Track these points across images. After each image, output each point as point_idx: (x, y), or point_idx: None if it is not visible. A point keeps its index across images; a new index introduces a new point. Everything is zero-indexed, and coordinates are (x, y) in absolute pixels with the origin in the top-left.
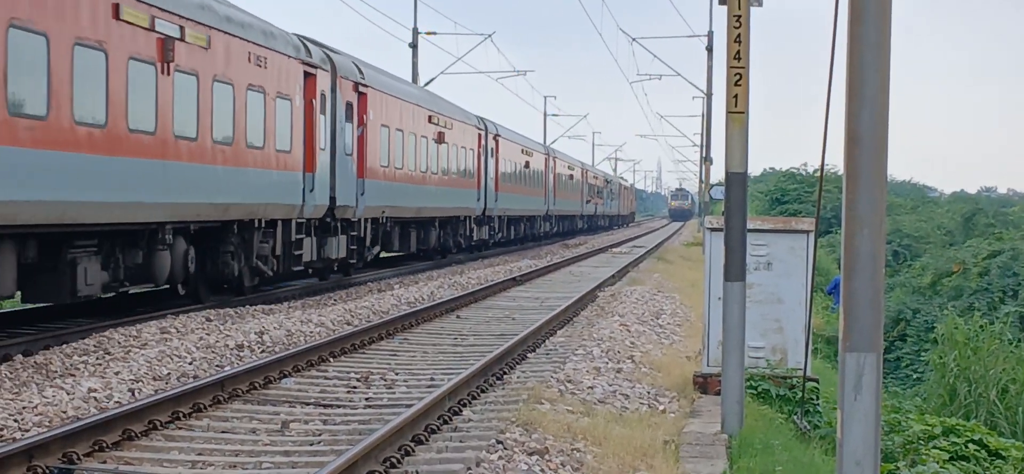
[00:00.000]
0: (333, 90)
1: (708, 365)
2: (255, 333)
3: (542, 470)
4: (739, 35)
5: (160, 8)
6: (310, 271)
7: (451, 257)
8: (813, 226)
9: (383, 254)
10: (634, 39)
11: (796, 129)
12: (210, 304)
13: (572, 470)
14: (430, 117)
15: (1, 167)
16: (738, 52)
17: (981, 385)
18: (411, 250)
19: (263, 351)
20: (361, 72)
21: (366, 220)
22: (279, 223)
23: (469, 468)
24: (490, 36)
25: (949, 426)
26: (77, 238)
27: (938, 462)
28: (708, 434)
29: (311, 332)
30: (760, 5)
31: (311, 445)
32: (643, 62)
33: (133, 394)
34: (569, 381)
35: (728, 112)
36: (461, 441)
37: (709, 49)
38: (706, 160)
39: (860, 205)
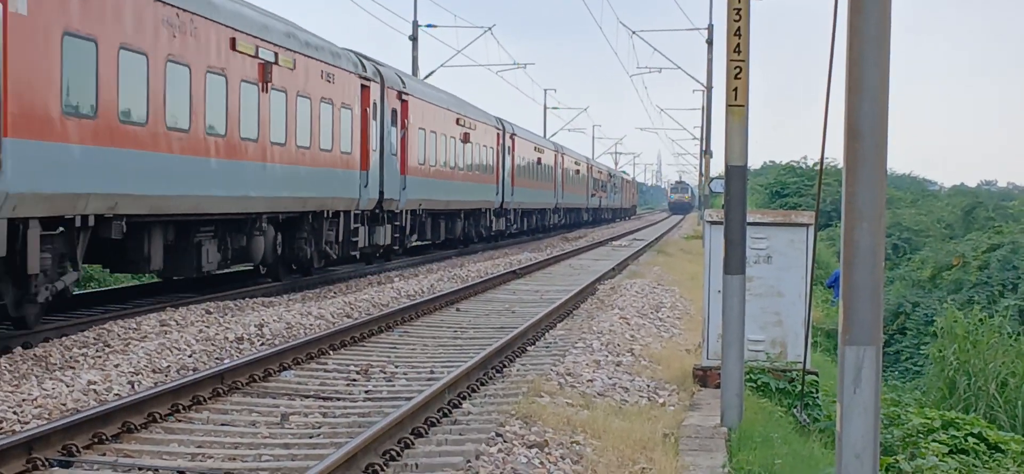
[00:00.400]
0: (382, 99)
1: (708, 358)
2: (255, 326)
3: (542, 463)
4: (739, 28)
5: (261, 39)
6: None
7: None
8: (813, 219)
9: (416, 242)
10: (634, 32)
11: (797, 123)
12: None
13: (572, 463)
14: (458, 119)
15: (161, 170)
16: (738, 45)
17: (980, 378)
18: (441, 239)
19: (263, 344)
20: (403, 82)
21: (407, 212)
22: (341, 214)
23: (469, 461)
24: (490, 29)
25: (948, 419)
26: (202, 225)
27: (937, 455)
28: (707, 427)
29: (311, 325)
30: None
31: (310, 438)
32: (643, 55)
33: (133, 387)
34: (569, 374)
35: (728, 105)
36: (461, 434)
37: (709, 42)
38: (706, 153)
39: (860, 198)
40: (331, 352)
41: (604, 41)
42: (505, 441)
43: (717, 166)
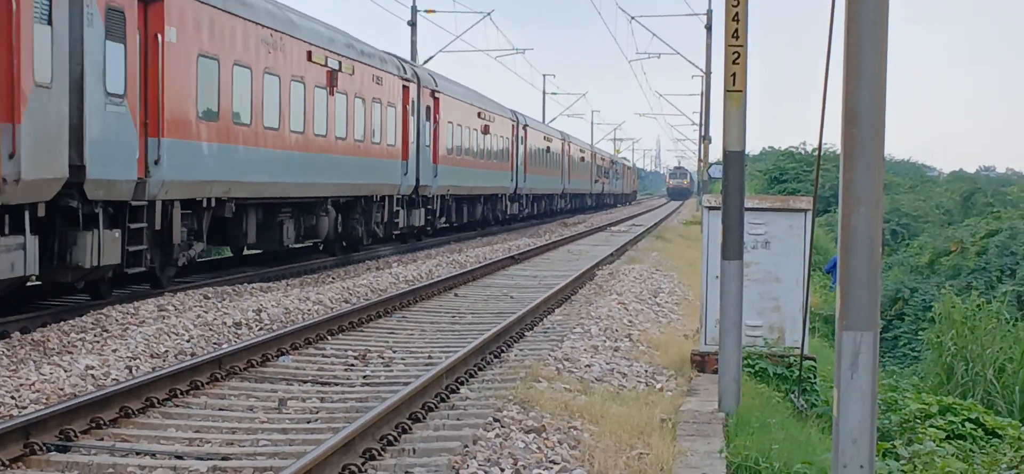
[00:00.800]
0: (418, 97)
1: (705, 344)
2: (253, 311)
3: (539, 448)
4: (737, 13)
5: (330, 50)
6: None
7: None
8: (811, 205)
9: (443, 224)
10: (633, 17)
11: (796, 109)
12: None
13: (569, 448)
14: (479, 113)
15: (260, 162)
16: (736, 31)
17: (978, 364)
18: (464, 221)
19: (261, 329)
20: (435, 82)
21: (437, 196)
22: (386, 199)
23: (466, 446)
24: (489, 14)
25: (946, 405)
26: (283, 207)
27: (935, 441)
28: (705, 412)
29: (309, 310)
30: None
31: (308, 422)
32: (642, 40)
33: (131, 371)
34: (567, 359)
35: (726, 90)
36: (458, 419)
37: (708, 28)
38: (705, 139)
39: (857, 184)
40: (329, 337)
41: (603, 26)
42: (503, 426)
43: (716, 152)
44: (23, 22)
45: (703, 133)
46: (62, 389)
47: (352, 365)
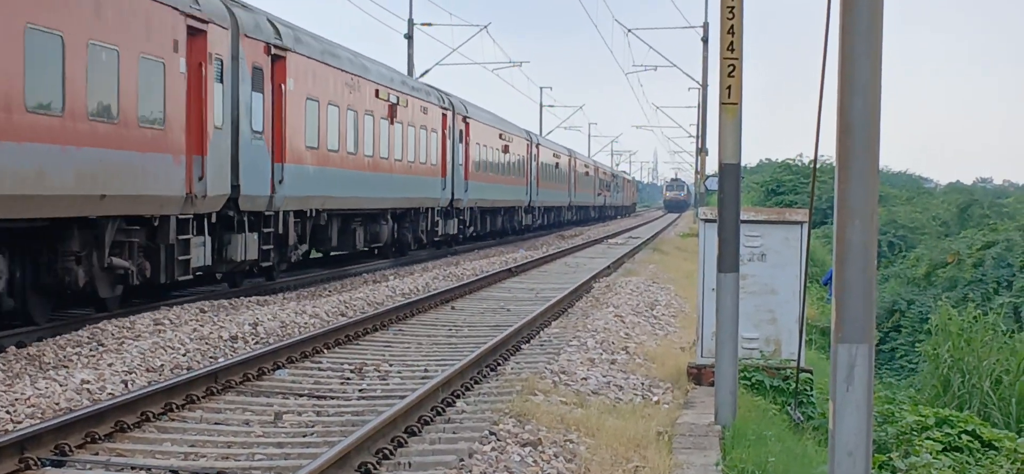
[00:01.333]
0: (453, 123)
1: (702, 356)
2: (249, 324)
3: (535, 461)
4: (732, 26)
5: (391, 88)
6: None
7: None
8: (807, 217)
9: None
10: (629, 30)
11: (794, 120)
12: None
13: (565, 462)
14: (500, 134)
15: (344, 181)
16: (731, 43)
17: (974, 376)
18: (487, 231)
19: (257, 342)
20: (466, 109)
21: (468, 209)
22: (429, 210)
23: (462, 459)
24: (485, 27)
25: (942, 417)
26: (355, 217)
27: (931, 453)
28: (702, 425)
29: (305, 323)
30: None
31: (304, 436)
32: (639, 53)
33: (126, 385)
34: (563, 372)
35: (721, 103)
36: (454, 432)
37: (704, 40)
38: (702, 151)
39: (852, 196)
40: (325, 351)
41: (599, 39)
42: (499, 440)
43: (713, 164)
44: (208, 82)
45: (700, 145)
46: (58, 404)
47: (348, 379)
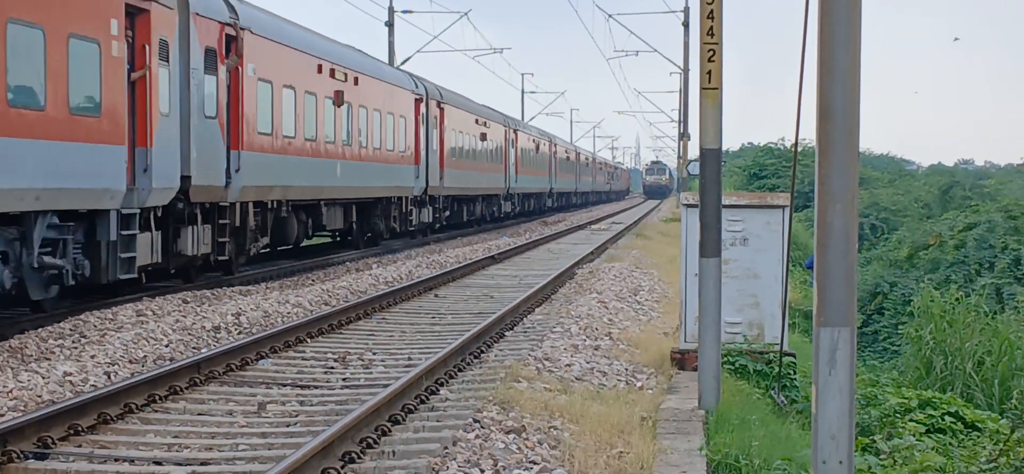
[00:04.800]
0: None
1: (685, 341)
2: (232, 315)
3: (519, 448)
4: (712, 11)
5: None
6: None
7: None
8: (788, 201)
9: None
10: (610, 15)
11: (776, 104)
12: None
13: (549, 448)
14: (477, 120)
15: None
16: (711, 28)
17: (957, 357)
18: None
19: (240, 332)
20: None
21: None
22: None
23: (446, 447)
24: (466, 14)
25: (925, 399)
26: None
27: (914, 435)
28: (685, 410)
29: (288, 313)
30: None
31: (288, 426)
32: (620, 38)
33: (109, 377)
34: (547, 359)
35: (702, 88)
36: (438, 421)
37: (685, 25)
38: (684, 136)
39: (833, 180)
40: (309, 340)
41: (581, 25)
42: (483, 427)
43: (695, 149)
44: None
45: (682, 130)
46: (40, 396)
47: (332, 368)
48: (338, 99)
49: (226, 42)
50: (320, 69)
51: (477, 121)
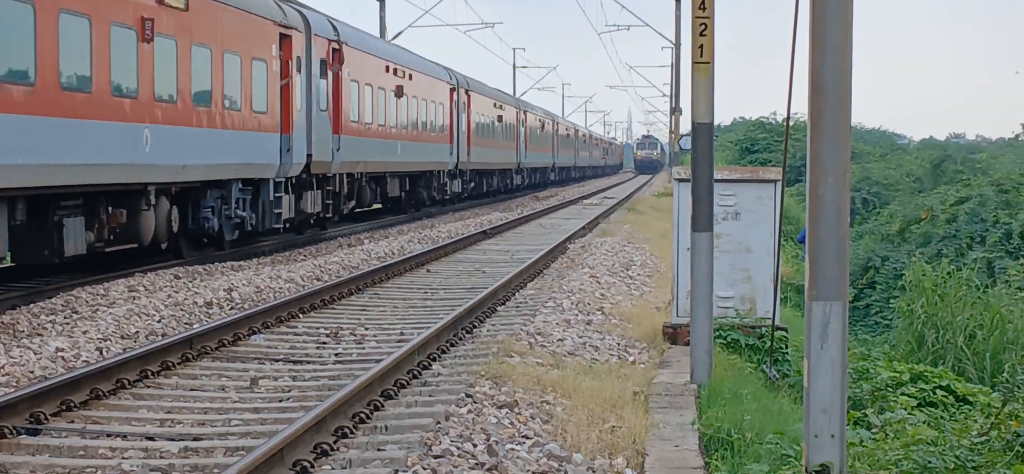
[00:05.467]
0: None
1: (677, 316)
2: (224, 290)
3: (512, 423)
4: None
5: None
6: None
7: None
8: (780, 175)
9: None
10: None
11: (769, 78)
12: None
13: (541, 423)
14: (494, 104)
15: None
16: (703, 2)
17: (949, 331)
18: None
19: (232, 308)
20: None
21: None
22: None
23: (438, 422)
24: None
25: (917, 373)
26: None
27: (906, 409)
28: (677, 384)
29: (281, 288)
30: None
31: (280, 401)
32: (611, 12)
33: (101, 353)
34: (539, 334)
35: (694, 62)
36: (431, 395)
37: None
38: (675, 111)
39: (825, 154)
40: (301, 315)
41: None
42: (475, 402)
43: (687, 123)
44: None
45: (674, 105)
46: (32, 372)
47: (324, 343)
48: (399, 92)
49: (332, 54)
50: (387, 69)
51: (494, 104)
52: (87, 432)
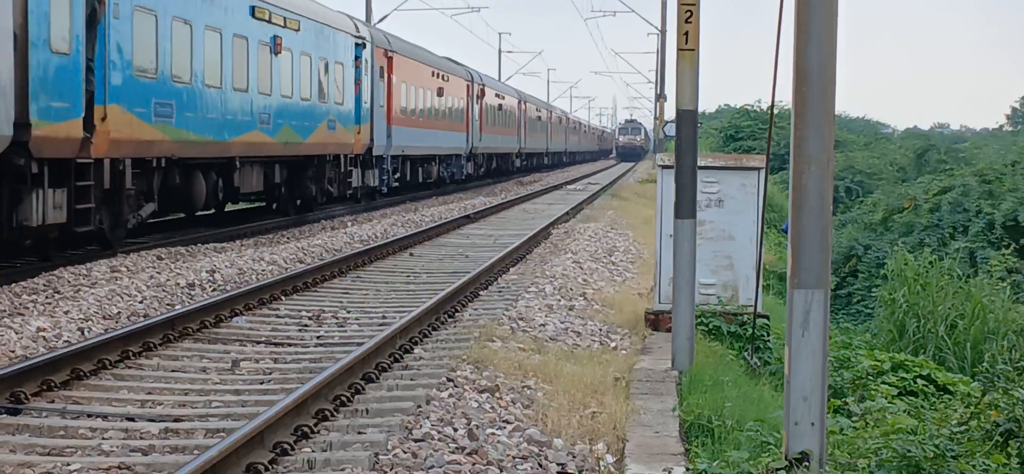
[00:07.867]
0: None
1: (659, 302)
2: (206, 271)
3: (493, 408)
4: None
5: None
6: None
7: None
8: (764, 163)
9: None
10: None
11: (754, 66)
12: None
13: (523, 408)
14: (497, 94)
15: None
16: None
17: (930, 321)
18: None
19: (214, 289)
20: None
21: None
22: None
23: (419, 406)
24: None
25: (898, 361)
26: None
27: (887, 397)
28: (659, 371)
29: (263, 270)
30: None
31: (261, 383)
32: None
33: (82, 333)
34: (521, 319)
35: (679, 49)
36: (412, 379)
37: None
38: (661, 97)
39: (808, 143)
40: (283, 297)
41: None
42: (456, 386)
43: (672, 110)
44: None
45: (659, 91)
46: (13, 351)
47: (306, 326)
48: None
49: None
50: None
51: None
52: (68, 412)
